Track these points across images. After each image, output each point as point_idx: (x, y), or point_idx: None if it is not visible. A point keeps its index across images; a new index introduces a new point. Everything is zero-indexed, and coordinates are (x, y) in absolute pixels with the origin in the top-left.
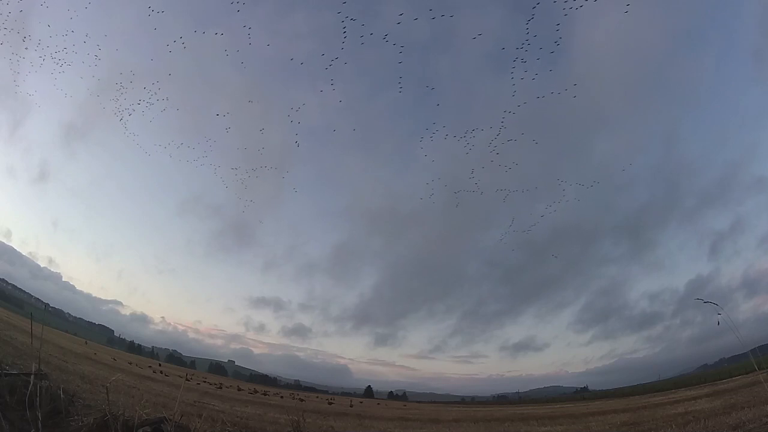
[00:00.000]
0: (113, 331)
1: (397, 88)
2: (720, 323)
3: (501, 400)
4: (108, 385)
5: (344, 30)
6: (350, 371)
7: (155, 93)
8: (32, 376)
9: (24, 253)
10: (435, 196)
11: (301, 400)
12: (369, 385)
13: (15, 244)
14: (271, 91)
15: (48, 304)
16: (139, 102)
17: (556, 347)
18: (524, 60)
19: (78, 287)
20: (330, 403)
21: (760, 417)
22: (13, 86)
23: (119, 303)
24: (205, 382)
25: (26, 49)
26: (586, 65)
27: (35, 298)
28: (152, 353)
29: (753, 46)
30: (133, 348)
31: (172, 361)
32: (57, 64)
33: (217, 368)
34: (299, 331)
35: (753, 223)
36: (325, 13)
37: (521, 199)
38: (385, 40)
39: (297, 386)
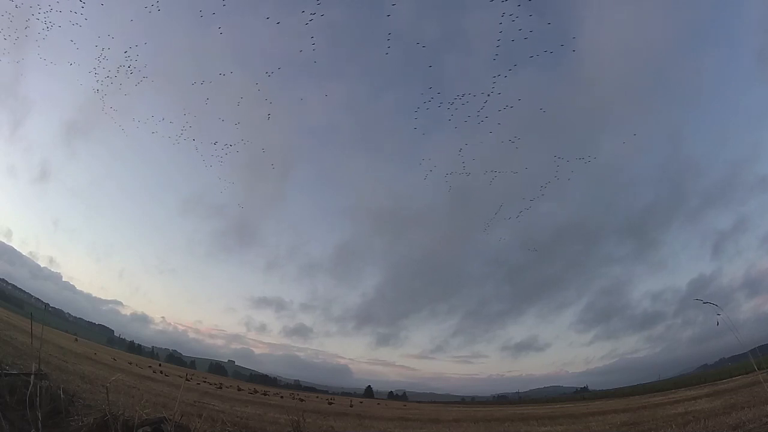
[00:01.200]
0: (113, 331)
1: (400, 88)
2: (719, 324)
3: (501, 400)
4: (108, 385)
5: None
6: (350, 371)
7: (135, 59)
8: (32, 376)
9: (24, 253)
10: (429, 177)
11: (301, 400)
12: (369, 385)
13: (15, 244)
14: (248, 57)
15: (48, 304)
16: (118, 69)
17: (557, 347)
18: (513, 17)
19: (78, 287)
20: (330, 403)
21: (760, 417)
22: (13, 85)
23: (119, 303)
24: (205, 382)
25: (16, 6)
26: (590, 65)
27: (35, 298)
28: (152, 353)
29: (757, 46)
30: (133, 348)
31: (172, 361)
32: (44, 25)
33: (217, 368)
34: (300, 331)
35: (755, 223)
36: None
37: (515, 187)
38: None
39: (297, 386)
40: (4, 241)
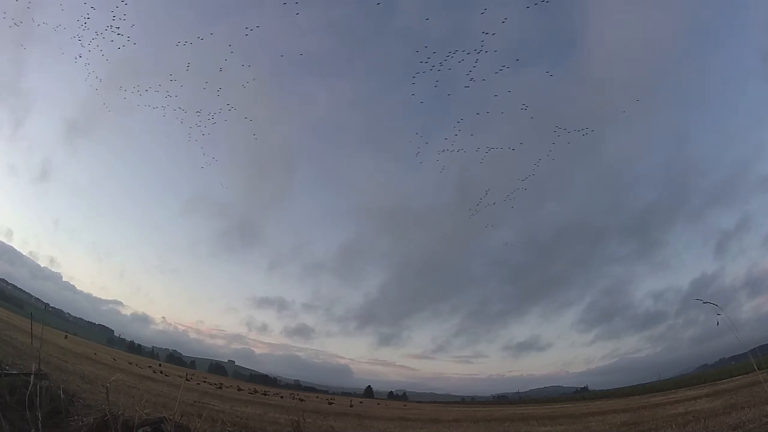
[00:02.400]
0: (113, 331)
1: (405, 87)
2: (719, 323)
3: (501, 400)
4: (108, 385)
5: None
6: (351, 371)
7: (122, 19)
8: (32, 376)
9: (24, 253)
10: (421, 154)
11: (301, 400)
12: (369, 385)
13: (15, 243)
14: (227, 20)
15: (48, 304)
16: (105, 29)
17: (558, 347)
18: None
19: (78, 287)
20: (330, 403)
21: (760, 417)
22: (15, 83)
23: (120, 303)
24: (205, 382)
25: None
26: (595, 65)
27: (35, 298)
28: (152, 353)
29: (761, 47)
30: (133, 348)
31: (172, 361)
32: None
33: (217, 368)
34: (302, 332)
35: (758, 222)
36: None
37: (518, 188)
38: None
39: (297, 386)
40: (5, 241)
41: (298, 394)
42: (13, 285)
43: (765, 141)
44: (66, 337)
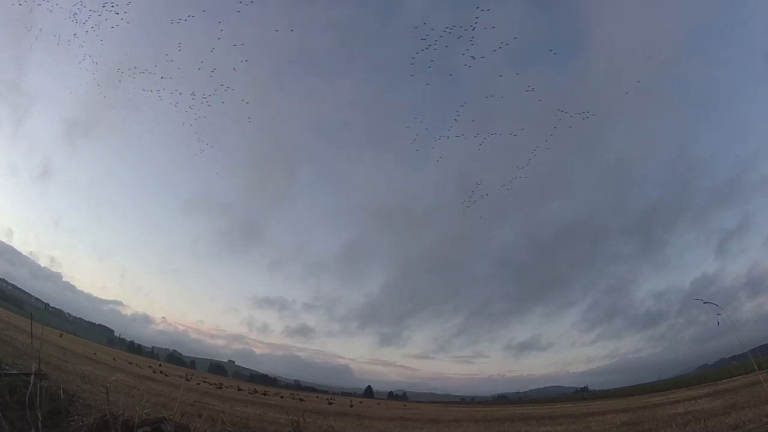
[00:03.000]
0: (113, 331)
1: (409, 86)
2: (720, 323)
3: (501, 400)
4: (108, 385)
5: None
6: (351, 371)
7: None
8: (32, 376)
9: (24, 253)
10: (418, 142)
11: (301, 400)
12: (369, 385)
13: (16, 243)
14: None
15: (48, 304)
16: (102, 6)
17: (559, 347)
18: None
19: (78, 287)
20: (330, 403)
21: (760, 417)
22: (16, 82)
23: (120, 303)
24: (205, 382)
25: None
26: (600, 63)
27: (35, 298)
28: (152, 353)
29: (764, 46)
30: (133, 348)
31: (172, 361)
32: None
33: (217, 368)
34: (303, 332)
35: (760, 222)
36: None
37: (521, 189)
38: None
39: (297, 386)
40: (5, 240)
41: (298, 394)
42: (13, 285)
43: (766, 140)
44: (61, 335)
